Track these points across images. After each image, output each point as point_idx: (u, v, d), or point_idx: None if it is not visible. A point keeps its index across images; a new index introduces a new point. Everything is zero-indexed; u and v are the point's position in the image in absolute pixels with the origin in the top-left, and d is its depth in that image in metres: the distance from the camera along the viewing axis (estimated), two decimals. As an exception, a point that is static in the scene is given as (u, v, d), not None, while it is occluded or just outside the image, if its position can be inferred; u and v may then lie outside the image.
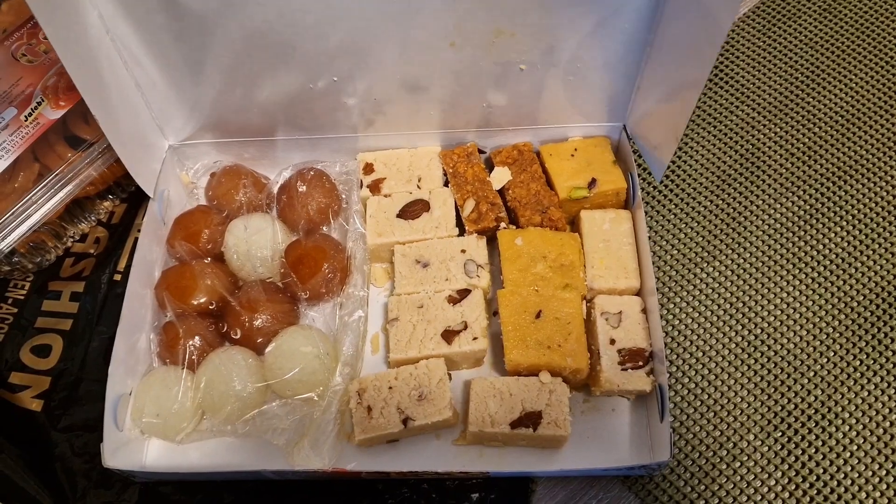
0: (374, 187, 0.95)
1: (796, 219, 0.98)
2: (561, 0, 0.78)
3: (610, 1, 0.77)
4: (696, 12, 0.71)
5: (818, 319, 0.91)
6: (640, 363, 0.81)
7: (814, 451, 0.83)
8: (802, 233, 0.97)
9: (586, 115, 0.94)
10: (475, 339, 0.84)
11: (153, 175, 0.93)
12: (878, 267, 0.94)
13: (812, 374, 0.88)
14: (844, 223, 0.97)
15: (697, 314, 0.92)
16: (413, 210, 0.92)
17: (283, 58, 0.83)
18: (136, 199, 1.03)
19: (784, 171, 1.02)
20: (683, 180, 1.02)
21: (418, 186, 0.95)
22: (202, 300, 0.88)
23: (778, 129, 1.06)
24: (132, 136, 0.89)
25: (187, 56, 0.83)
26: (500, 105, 0.91)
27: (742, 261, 0.95)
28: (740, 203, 1.00)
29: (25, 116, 0.93)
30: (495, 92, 0.89)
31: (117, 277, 0.97)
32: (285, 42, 0.81)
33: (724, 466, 0.83)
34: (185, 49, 0.82)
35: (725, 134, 1.06)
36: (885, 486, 0.81)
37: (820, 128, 1.05)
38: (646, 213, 0.97)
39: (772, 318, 0.91)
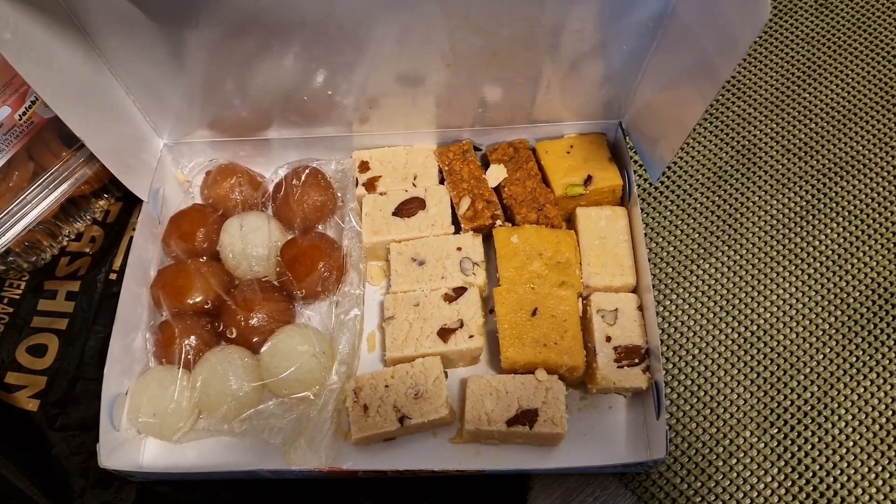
0: (370, 185, 0.95)
1: (792, 215, 0.98)
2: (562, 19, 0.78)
3: (615, 19, 0.77)
4: (710, 26, 0.70)
5: (814, 316, 0.91)
6: (637, 360, 0.81)
7: (810, 447, 0.83)
8: (799, 229, 0.97)
9: (582, 114, 0.93)
10: (471, 336, 0.84)
11: (147, 176, 0.93)
12: (875, 263, 0.94)
13: (808, 370, 0.88)
14: (841, 219, 0.97)
15: (694, 311, 0.92)
16: (409, 208, 0.92)
17: (276, 52, 0.82)
18: (132, 198, 1.02)
19: (780, 166, 1.02)
20: (679, 177, 1.02)
21: (414, 184, 0.95)
22: (198, 299, 0.88)
23: (774, 125, 1.06)
24: (123, 145, 0.89)
25: (177, 54, 0.82)
26: (496, 102, 0.91)
27: (738, 257, 0.95)
28: (736, 199, 1.00)
29: (20, 115, 0.92)
30: (491, 89, 0.89)
31: (113, 276, 0.97)
32: (278, 34, 0.80)
33: (721, 463, 0.83)
34: (175, 46, 0.81)
35: (721, 130, 1.06)
36: (881, 482, 0.81)
37: (816, 123, 1.05)
38: (642, 209, 0.97)
39: (768, 315, 0.91)
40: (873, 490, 0.81)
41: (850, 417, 0.85)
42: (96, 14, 0.76)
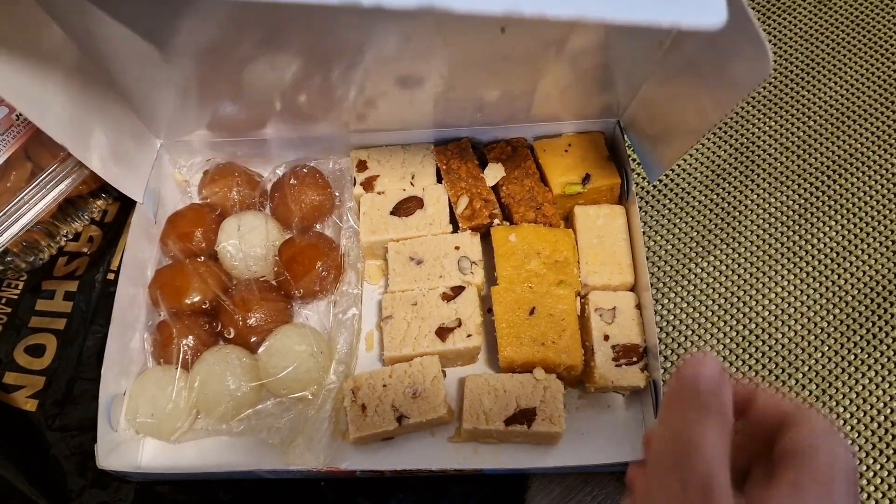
0: (368, 184, 0.95)
1: (791, 213, 0.98)
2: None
3: (621, 42, 0.77)
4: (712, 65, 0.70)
5: (813, 314, 0.91)
6: (635, 359, 0.81)
7: (808, 445, 0.83)
8: (797, 227, 0.97)
9: (581, 113, 0.93)
10: (469, 336, 0.84)
11: (144, 177, 0.93)
12: (874, 261, 0.94)
13: (807, 368, 0.88)
14: (839, 217, 0.97)
15: (692, 309, 0.92)
16: (407, 207, 0.92)
17: (274, 51, 0.82)
18: (130, 198, 1.02)
19: (779, 164, 1.02)
20: (678, 175, 1.02)
21: (412, 183, 0.94)
22: (196, 299, 0.88)
23: (772, 123, 1.05)
24: (119, 147, 0.89)
25: (173, 54, 0.82)
26: (494, 102, 0.90)
27: (737, 255, 0.95)
28: (735, 197, 1.00)
29: (17, 115, 0.92)
30: (490, 92, 0.88)
31: (111, 276, 0.97)
32: (276, 34, 0.80)
33: (719, 461, 0.83)
34: (171, 46, 0.81)
35: (719, 128, 1.05)
36: (879, 481, 0.81)
37: (815, 121, 1.05)
38: (640, 208, 0.97)
39: (766, 313, 0.91)
40: (871, 488, 0.81)
41: (848, 416, 0.85)
42: (90, 23, 0.75)
